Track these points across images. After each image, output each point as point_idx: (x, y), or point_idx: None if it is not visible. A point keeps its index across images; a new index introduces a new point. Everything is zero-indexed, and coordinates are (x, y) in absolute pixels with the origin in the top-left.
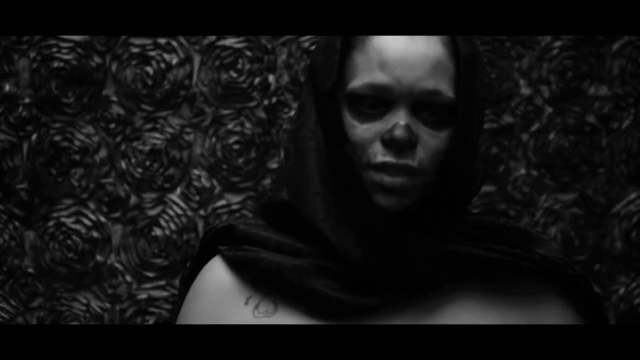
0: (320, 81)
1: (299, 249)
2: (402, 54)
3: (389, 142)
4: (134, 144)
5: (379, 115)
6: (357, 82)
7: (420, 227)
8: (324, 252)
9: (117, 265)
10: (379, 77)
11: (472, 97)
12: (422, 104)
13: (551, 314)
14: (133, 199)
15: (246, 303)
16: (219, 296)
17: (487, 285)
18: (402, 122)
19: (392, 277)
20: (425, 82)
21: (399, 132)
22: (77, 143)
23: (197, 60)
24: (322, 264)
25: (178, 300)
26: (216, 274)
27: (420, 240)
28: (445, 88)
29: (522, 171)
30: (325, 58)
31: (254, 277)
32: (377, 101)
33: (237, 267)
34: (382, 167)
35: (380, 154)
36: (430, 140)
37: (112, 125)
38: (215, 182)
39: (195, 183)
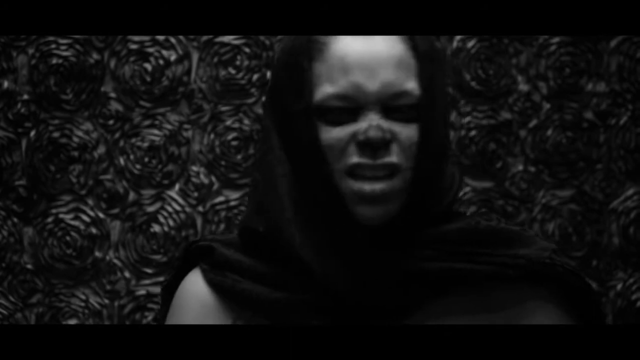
0: (287, 102)
1: (278, 280)
2: (363, 57)
3: (364, 144)
4: (133, 140)
5: (350, 119)
6: (322, 94)
7: (400, 244)
8: (304, 281)
9: (116, 261)
10: (344, 85)
11: (435, 91)
12: (391, 102)
13: (539, 321)
14: (132, 196)
15: (234, 322)
16: (204, 311)
17: (475, 297)
18: (374, 123)
19: (376, 300)
20: (391, 85)
21: (372, 132)
22: (75, 139)
23: (195, 56)
24: (302, 298)
25: (162, 308)
26: (198, 289)
27: (402, 259)
28: (412, 87)
29: (520, 167)
30: (290, 77)
31: (236, 303)
32: (345, 109)
33: (218, 290)
34: (360, 171)
35: (355, 156)
36: (403, 134)
37: (111, 122)
38: (213, 179)
39: (194, 179)
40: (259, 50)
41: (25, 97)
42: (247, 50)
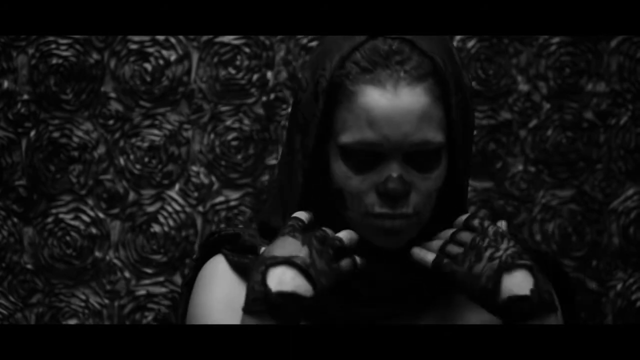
0: (309, 132)
1: None
2: (388, 113)
3: (384, 194)
4: (133, 140)
5: (372, 165)
6: (347, 138)
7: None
8: None
9: (116, 261)
10: (369, 135)
11: (462, 137)
12: (414, 153)
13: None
14: (132, 196)
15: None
16: (228, 289)
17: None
18: (394, 175)
19: (382, 296)
20: (413, 136)
21: (392, 185)
22: (75, 139)
23: (195, 56)
24: None
25: (181, 303)
26: (223, 268)
27: (410, 265)
28: (433, 135)
29: (520, 167)
30: (313, 114)
31: None
32: (369, 154)
33: (240, 271)
34: (381, 216)
35: (377, 205)
36: (423, 184)
37: (111, 122)
38: (213, 179)
39: (194, 179)
40: (259, 50)
41: (25, 97)
42: (247, 50)
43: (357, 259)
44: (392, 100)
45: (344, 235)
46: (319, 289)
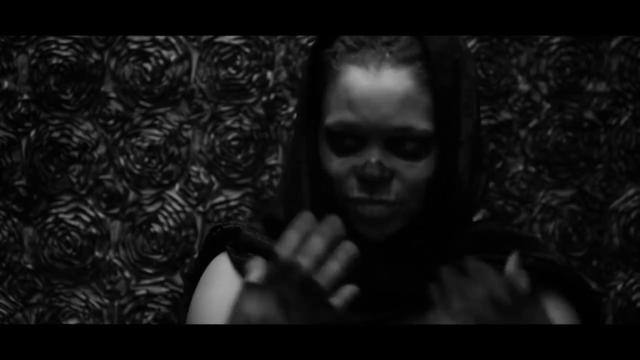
0: (302, 118)
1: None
2: (368, 94)
3: (362, 179)
4: (133, 140)
5: (354, 149)
6: (329, 119)
7: (413, 252)
8: None
9: (116, 261)
10: (348, 116)
11: (450, 126)
12: (396, 139)
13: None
14: (132, 196)
15: None
16: (232, 288)
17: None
18: (373, 160)
19: (383, 299)
20: (392, 119)
21: (369, 170)
22: (75, 139)
23: (195, 56)
24: None
25: (185, 295)
26: (225, 267)
27: (415, 264)
28: (416, 122)
29: (520, 167)
30: (300, 94)
31: None
32: (350, 136)
33: (240, 270)
34: (359, 201)
35: (356, 189)
36: (407, 172)
37: (111, 122)
38: (213, 179)
39: (194, 179)
40: (259, 50)
41: (25, 97)
42: (247, 50)
43: (345, 295)
44: (372, 82)
45: (329, 276)
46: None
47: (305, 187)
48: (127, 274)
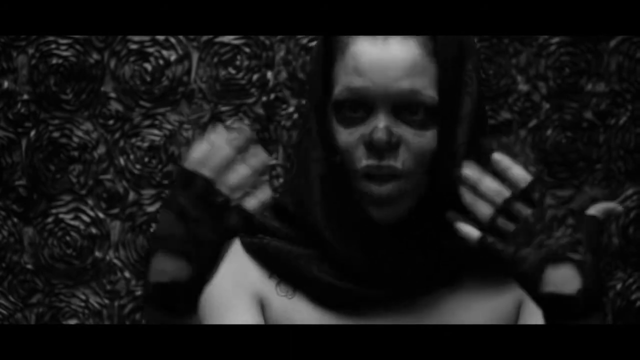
0: (312, 96)
1: (309, 241)
2: (376, 58)
3: (370, 145)
4: (133, 140)
5: (361, 119)
6: (337, 89)
7: (419, 235)
8: (329, 252)
9: (116, 261)
10: (355, 81)
11: (454, 96)
12: (403, 105)
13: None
14: (132, 196)
15: (270, 277)
16: (242, 264)
17: (488, 279)
18: (380, 125)
19: (393, 281)
20: (400, 82)
21: (377, 135)
22: (75, 139)
23: (195, 56)
24: (330, 255)
25: None
26: (236, 248)
27: (419, 248)
28: (424, 87)
29: None
30: (311, 71)
31: (268, 263)
32: (358, 105)
33: (252, 252)
34: (368, 173)
35: (363, 159)
36: (414, 140)
37: (111, 122)
38: None
39: None
40: (259, 50)
41: (25, 97)
42: (247, 50)
43: (250, 204)
44: (381, 49)
45: (231, 185)
46: (198, 267)
47: (314, 171)
48: (127, 274)
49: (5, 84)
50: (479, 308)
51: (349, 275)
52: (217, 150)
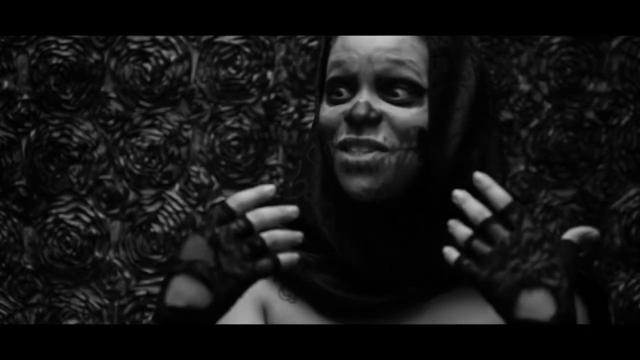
0: (314, 87)
1: (308, 245)
2: (364, 39)
3: (350, 120)
4: (133, 140)
5: (346, 99)
6: (327, 70)
7: (414, 223)
8: (328, 254)
9: (116, 261)
10: (341, 55)
11: (445, 82)
12: (387, 79)
13: None
14: (132, 196)
15: (274, 281)
16: None
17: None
18: (361, 100)
19: (392, 279)
20: (386, 52)
21: (357, 110)
22: (75, 139)
23: (195, 56)
24: (328, 260)
25: None
26: None
27: (414, 238)
28: (409, 60)
29: (521, 167)
30: (313, 67)
31: None
32: (343, 82)
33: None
34: (345, 145)
35: (344, 132)
36: (397, 115)
37: (111, 122)
38: (213, 179)
39: (194, 179)
40: (259, 50)
41: (25, 97)
42: (247, 50)
43: (283, 257)
44: (370, 35)
45: (273, 235)
46: (218, 296)
47: (316, 171)
48: (127, 274)
49: (5, 84)
50: (478, 313)
51: (349, 280)
52: (263, 200)
